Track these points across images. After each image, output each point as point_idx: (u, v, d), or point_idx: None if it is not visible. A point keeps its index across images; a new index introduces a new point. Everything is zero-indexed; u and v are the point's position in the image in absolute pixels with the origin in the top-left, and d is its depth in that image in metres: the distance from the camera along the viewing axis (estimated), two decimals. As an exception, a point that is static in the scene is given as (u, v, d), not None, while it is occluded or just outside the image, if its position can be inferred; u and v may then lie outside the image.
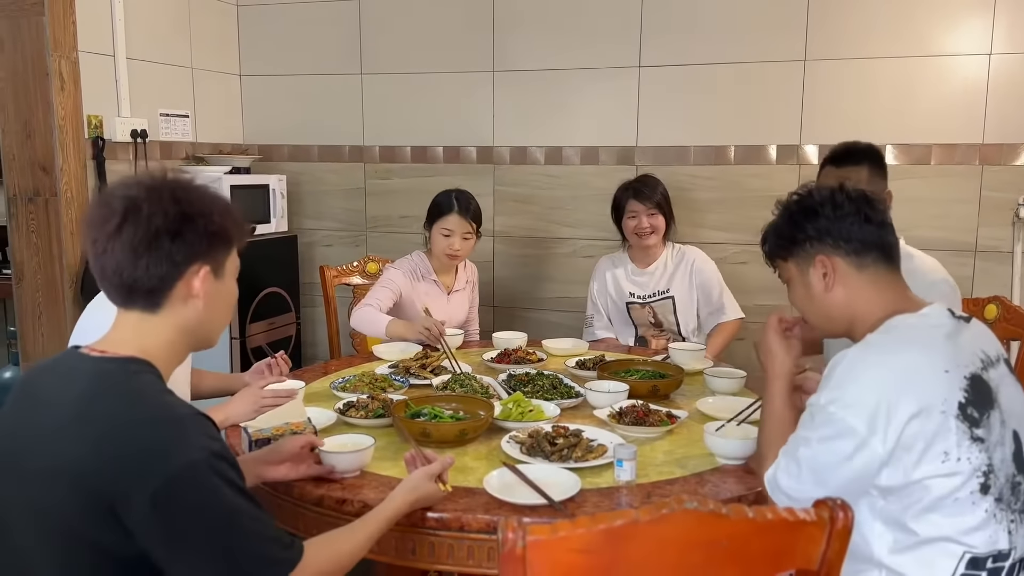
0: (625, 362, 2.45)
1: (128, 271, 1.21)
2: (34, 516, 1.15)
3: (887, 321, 1.39)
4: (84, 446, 1.12)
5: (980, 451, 1.27)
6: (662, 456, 1.81)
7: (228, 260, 1.32)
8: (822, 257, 1.46)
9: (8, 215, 3.17)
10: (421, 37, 3.76)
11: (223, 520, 1.13)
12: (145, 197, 1.20)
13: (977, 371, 1.33)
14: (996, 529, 1.27)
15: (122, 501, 1.08)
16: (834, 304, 1.47)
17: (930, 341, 1.34)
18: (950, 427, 1.26)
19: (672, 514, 0.93)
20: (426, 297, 2.91)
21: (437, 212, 2.90)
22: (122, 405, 1.16)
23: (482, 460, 1.77)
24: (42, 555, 1.15)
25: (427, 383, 2.30)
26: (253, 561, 1.16)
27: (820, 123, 3.28)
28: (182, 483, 1.10)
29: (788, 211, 1.53)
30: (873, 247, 1.44)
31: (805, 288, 1.51)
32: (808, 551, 1.01)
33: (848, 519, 1.00)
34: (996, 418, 1.31)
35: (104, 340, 1.27)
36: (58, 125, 3.03)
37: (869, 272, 1.44)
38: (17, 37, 3.03)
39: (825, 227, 1.45)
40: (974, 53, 3.10)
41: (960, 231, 3.18)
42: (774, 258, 1.58)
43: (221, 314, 1.34)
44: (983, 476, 1.27)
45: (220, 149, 3.82)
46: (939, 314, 1.40)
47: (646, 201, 2.93)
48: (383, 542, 1.51)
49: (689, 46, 3.41)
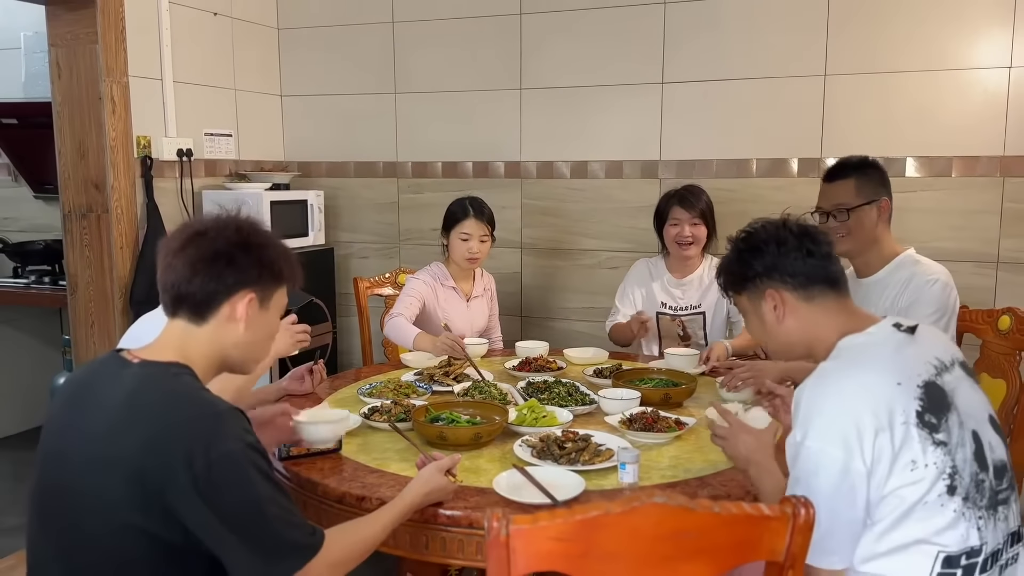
0: (640, 371, 2.53)
1: (184, 285, 1.38)
2: (82, 504, 1.29)
3: (838, 344, 1.48)
4: (135, 439, 1.26)
5: (944, 454, 1.34)
6: (667, 461, 1.89)
7: (276, 295, 1.47)
8: (771, 291, 1.55)
9: (63, 230, 3.38)
10: (451, 58, 3.90)
11: (255, 506, 1.27)
12: (213, 225, 1.39)
13: (931, 378, 1.40)
14: (966, 527, 1.33)
15: (170, 486, 1.23)
16: (788, 333, 1.56)
17: (878, 358, 1.42)
18: (912, 436, 1.32)
19: (642, 506, 1.03)
20: (446, 304, 3.03)
21: (453, 219, 3.02)
22: (167, 402, 1.31)
23: (495, 462, 1.87)
24: (87, 539, 1.29)
25: (449, 390, 2.41)
26: (280, 545, 1.29)
27: (841, 136, 3.33)
28: (220, 470, 1.24)
29: (737, 249, 1.62)
30: (818, 279, 1.53)
31: (759, 320, 1.60)
32: (773, 544, 1.09)
33: (810, 515, 1.08)
34: (954, 420, 1.38)
35: (148, 348, 1.43)
36: (109, 146, 3.23)
37: (816, 301, 1.53)
38: (73, 64, 3.24)
39: (771, 264, 1.54)
40: (994, 67, 3.12)
41: (982, 242, 3.20)
42: (728, 292, 1.67)
43: (260, 343, 1.48)
44: (948, 478, 1.33)
45: (261, 166, 4.00)
46: (884, 330, 1.48)
47: (691, 209, 2.92)
48: (399, 536, 1.64)
49: (711, 62, 3.48)
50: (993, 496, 1.38)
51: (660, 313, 3.05)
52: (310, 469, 1.82)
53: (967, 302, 2.78)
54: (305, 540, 1.33)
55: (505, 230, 3.85)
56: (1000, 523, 1.38)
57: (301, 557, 1.31)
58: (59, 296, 3.76)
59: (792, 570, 1.10)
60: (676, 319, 3.02)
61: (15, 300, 4.10)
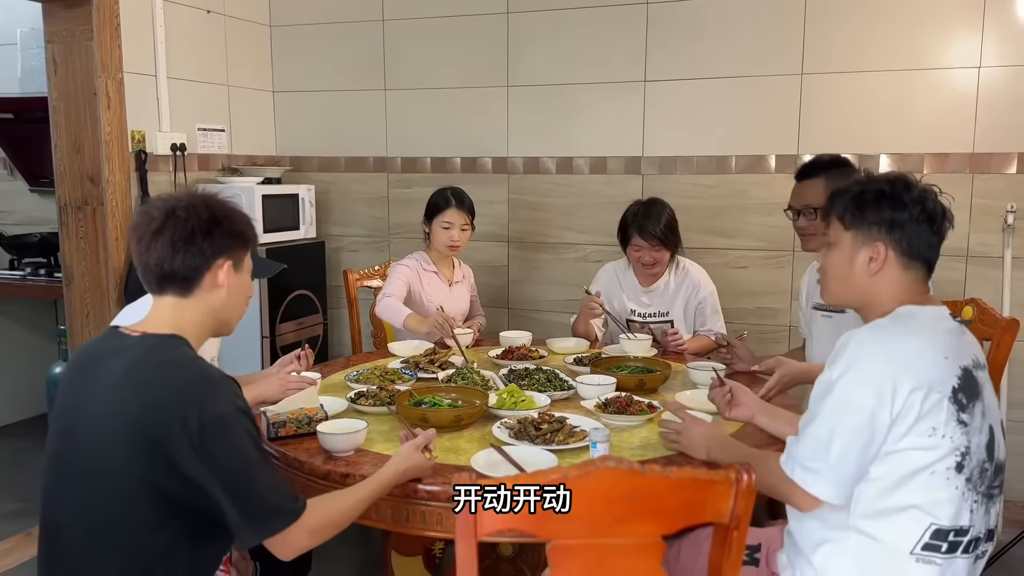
0: (618, 359, 2.63)
1: (168, 262, 1.50)
2: (98, 465, 1.42)
3: (898, 309, 1.51)
4: (138, 404, 1.39)
5: (963, 433, 1.41)
6: (638, 442, 1.98)
7: (246, 258, 1.61)
8: (880, 245, 1.52)
9: (59, 223, 3.45)
10: (440, 55, 3.98)
11: (244, 466, 1.40)
12: (182, 205, 1.51)
13: (969, 366, 1.47)
14: (962, 506, 1.41)
15: (171, 444, 1.35)
16: (865, 285, 1.55)
17: (933, 331, 1.48)
18: (943, 407, 1.39)
19: (596, 471, 1.12)
20: (430, 288, 3.16)
21: (436, 208, 3.16)
22: (166, 370, 1.44)
23: (475, 443, 1.97)
24: (103, 499, 1.42)
25: (433, 376, 2.50)
26: (263, 508, 1.41)
27: (817, 133, 3.43)
28: (213, 431, 1.36)
29: (880, 189, 1.54)
30: (924, 257, 1.53)
31: (848, 260, 1.57)
32: (718, 506, 1.18)
33: (751, 480, 1.18)
34: (979, 409, 1.45)
35: (144, 322, 1.56)
36: (104, 140, 3.30)
37: (910, 275, 1.53)
38: (69, 61, 3.32)
39: (901, 222, 1.50)
40: (965, 66, 3.22)
41: (952, 237, 3.09)
42: (836, 215, 1.59)
43: (239, 303, 1.63)
44: (960, 456, 1.40)
45: (254, 161, 4.08)
46: (944, 313, 1.53)
47: (650, 238, 2.93)
48: (381, 510, 1.73)
49: (692, 61, 3.57)
50: (989, 487, 1.46)
51: (630, 320, 3.09)
52: (297, 448, 1.91)
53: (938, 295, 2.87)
54: (289, 505, 1.44)
55: (492, 224, 3.95)
56: (986, 515, 1.47)
57: (284, 520, 1.42)
58: (55, 288, 3.83)
59: (737, 531, 1.20)
60: (645, 326, 3.07)
61: (11, 292, 4.19)
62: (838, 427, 1.41)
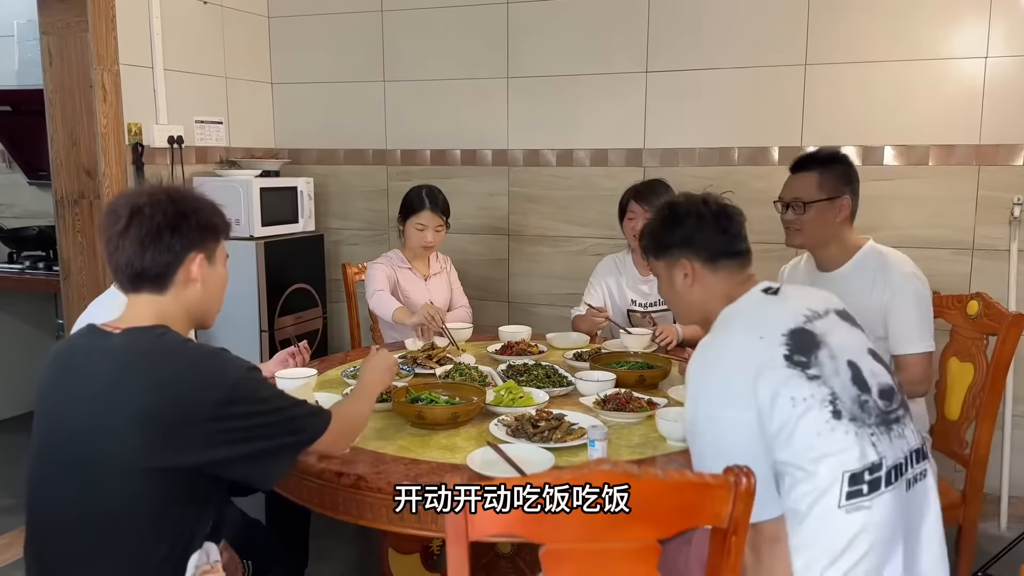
0: (618, 354, 2.60)
1: (138, 262, 1.47)
2: (88, 459, 1.40)
3: (719, 316, 1.62)
4: (137, 387, 1.38)
5: (819, 385, 1.45)
6: (638, 439, 1.96)
7: (218, 249, 1.59)
8: (684, 261, 1.70)
9: (56, 216, 3.43)
10: (440, 47, 3.94)
11: (273, 406, 1.49)
12: (146, 202, 1.47)
13: (798, 325, 1.52)
14: (862, 445, 1.43)
15: (187, 422, 1.37)
16: (692, 299, 1.72)
17: (741, 320, 1.58)
18: (784, 375, 1.44)
19: (591, 472, 1.09)
20: (406, 284, 3.16)
21: (410, 209, 3.13)
22: (165, 352, 1.44)
23: (471, 440, 1.94)
24: (97, 491, 1.40)
25: (431, 372, 2.48)
26: (303, 425, 1.55)
27: (821, 125, 3.38)
28: (237, 392, 1.42)
29: (661, 217, 1.77)
30: (726, 254, 1.67)
31: (670, 284, 1.75)
32: (716, 510, 1.15)
33: (751, 483, 1.15)
34: (825, 354, 1.49)
35: (122, 319, 1.52)
36: (101, 133, 3.28)
37: (722, 272, 1.68)
38: (64, 53, 3.29)
39: (688, 236, 1.69)
40: (971, 56, 3.17)
41: (958, 230, 3.25)
42: (647, 255, 1.81)
43: (216, 295, 1.62)
44: (830, 404, 1.44)
45: (252, 153, 4.05)
46: (751, 296, 1.63)
47: (645, 203, 2.94)
48: (376, 510, 1.72)
49: (694, 52, 3.53)
50: (883, 415, 1.49)
51: (631, 310, 3.08)
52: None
53: (943, 288, 2.84)
54: (317, 410, 1.59)
55: (492, 217, 3.92)
56: (897, 440, 1.49)
57: (321, 423, 1.56)
58: (53, 281, 3.81)
59: (735, 536, 1.17)
60: (647, 315, 3.05)
61: (10, 285, 4.16)
62: (729, 454, 1.38)
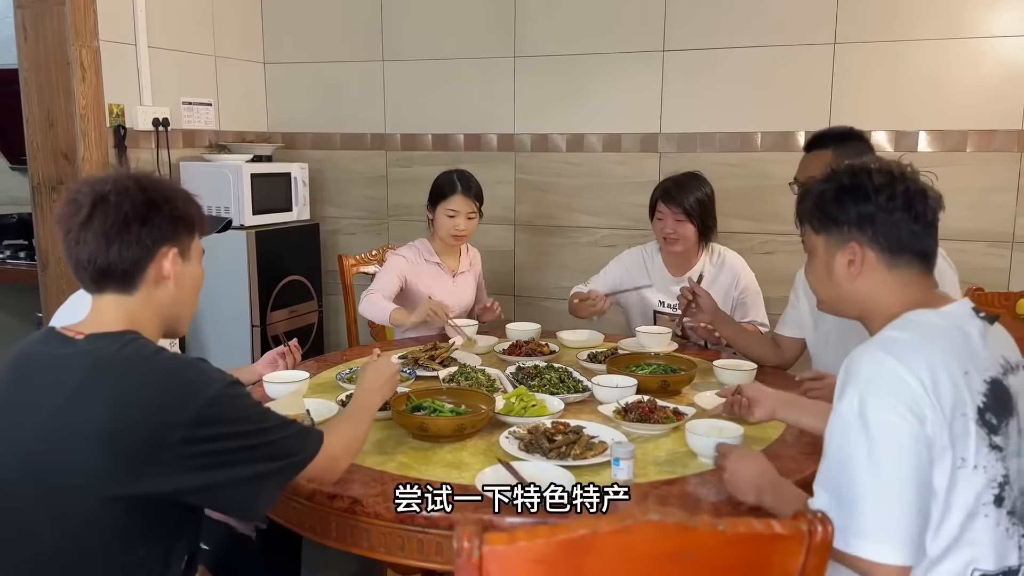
0: (637, 356, 2.40)
1: (101, 257, 1.29)
2: (42, 479, 1.21)
3: (905, 315, 1.29)
4: (102, 403, 1.20)
5: (997, 460, 1.19)
6: (664, 455, 1.76)
7: (193, 244, 1.41)
8: (855, 245, 1.35)
9: (32, 203, 3.22)
10: (442, 23, 3.74)
11: (256, 426, 1.30)
12: (112, 189, 1.28)
13: (998, 375, 1.25)
14: (1007, 545, 1.19)
15: (154, 441, 1.19)
16: (851, 293, 1.37)
17: (950, 341, 1.25)
18: (970, 432, 1.18)
19: (635, 524, 0.89)
20: (430, 279, 2.91)
21: (440, 194, 2.89)
22: (135, 363, 1.25)
23: (480, 456, 1.75)
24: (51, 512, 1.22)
25: (434, 375, 2.28)
26: (291, 448, 1.35)
27: (850, 109, 3.18)
28: (215, 409, 1.24)
29: (839, 183, 1.38)
30: (912, 249, 1.33)
31: (826, 268, 1.40)
32: (785, 565, 0.96)
33: (828, 532, 0.95)
34: (1014, 426, 1.23)
35: (85, 323, 1.34)
36: (80, 114, 3.06)
37: (900, 272, 1.34)
38: (39, 27, 3.06)
39: (871, 215, 1.33)
40: (1012, 35, 2.98)
41: (997, 221, 3.07)
42: (804, 222, 1.45)
43: (191, 296, 1.44)
44: (998, 487, 1.19)
45: (243, 137, 3.85)
46: (961, 313, 1.30)
47: (673, 205, 2.69)
48: (374, 539, 1.54)
49: (715, 29, 3.34)
50: None
51: (658, 312, 2.86)
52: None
53: (980, 283, 2.65)
54: (311, 438, 1.40)
55: (498, 206, 3.72)
56: None
57: (312, 450, 1.38)
58: (31, 272, 3.61)
59: (806, 594, 0.97)
60: (676, 319, 2.73)
61: (-10, 275, 3.97)
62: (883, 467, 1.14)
